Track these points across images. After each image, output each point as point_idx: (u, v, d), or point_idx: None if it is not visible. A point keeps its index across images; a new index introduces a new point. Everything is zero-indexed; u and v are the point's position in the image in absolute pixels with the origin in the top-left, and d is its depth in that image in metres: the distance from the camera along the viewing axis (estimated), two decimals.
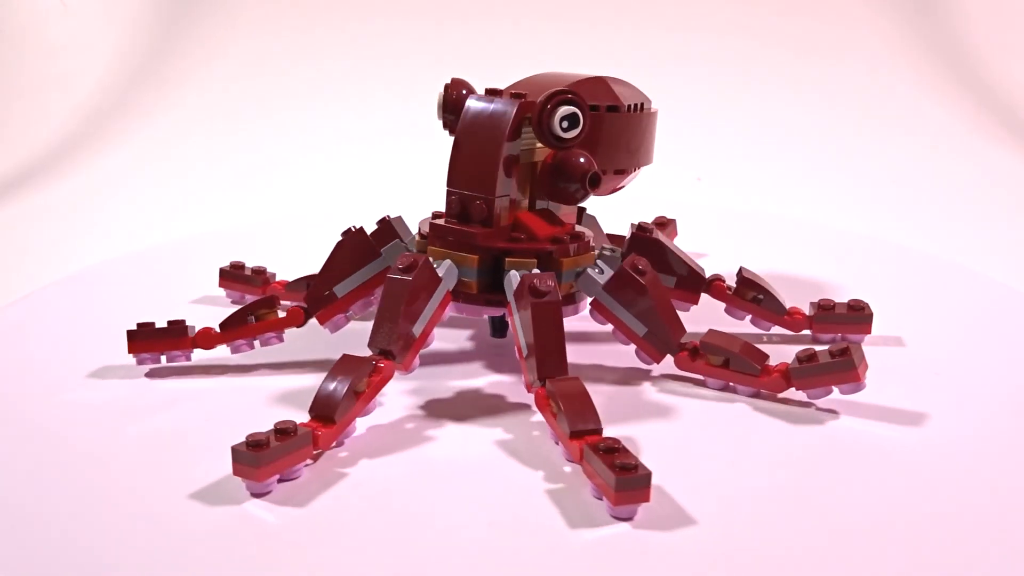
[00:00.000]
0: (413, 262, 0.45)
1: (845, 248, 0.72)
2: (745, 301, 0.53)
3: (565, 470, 0.40)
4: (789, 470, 0.40)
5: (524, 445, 0.42)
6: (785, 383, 0.45)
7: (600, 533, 0.35)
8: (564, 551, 0.34)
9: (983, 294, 0.63)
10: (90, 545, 0.35)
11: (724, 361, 0.46)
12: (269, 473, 0.38)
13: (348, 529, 0.36)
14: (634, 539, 0.35)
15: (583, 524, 0.36)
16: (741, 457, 0.41)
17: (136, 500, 0.38)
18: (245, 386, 0.48)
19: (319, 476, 0.40)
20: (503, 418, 0.45)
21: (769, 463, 0.41)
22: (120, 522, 0.36)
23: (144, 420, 0.44)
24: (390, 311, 0.44)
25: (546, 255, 0.47)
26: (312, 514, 0.37)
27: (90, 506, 0.37)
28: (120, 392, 0.47)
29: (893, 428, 0.43)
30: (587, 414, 0.40)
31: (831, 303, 0.52)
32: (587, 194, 0.48)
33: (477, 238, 0.47)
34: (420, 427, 0.44)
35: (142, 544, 0.35)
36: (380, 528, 0.36)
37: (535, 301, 0.43)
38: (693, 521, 0.36)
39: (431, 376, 0.49)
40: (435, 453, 0.42)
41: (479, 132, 0.47)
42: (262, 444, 0.38)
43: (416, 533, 0.36)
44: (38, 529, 0.36)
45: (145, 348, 0.49)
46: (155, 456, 0.41)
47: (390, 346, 0.43)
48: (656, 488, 0.38)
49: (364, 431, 0.43)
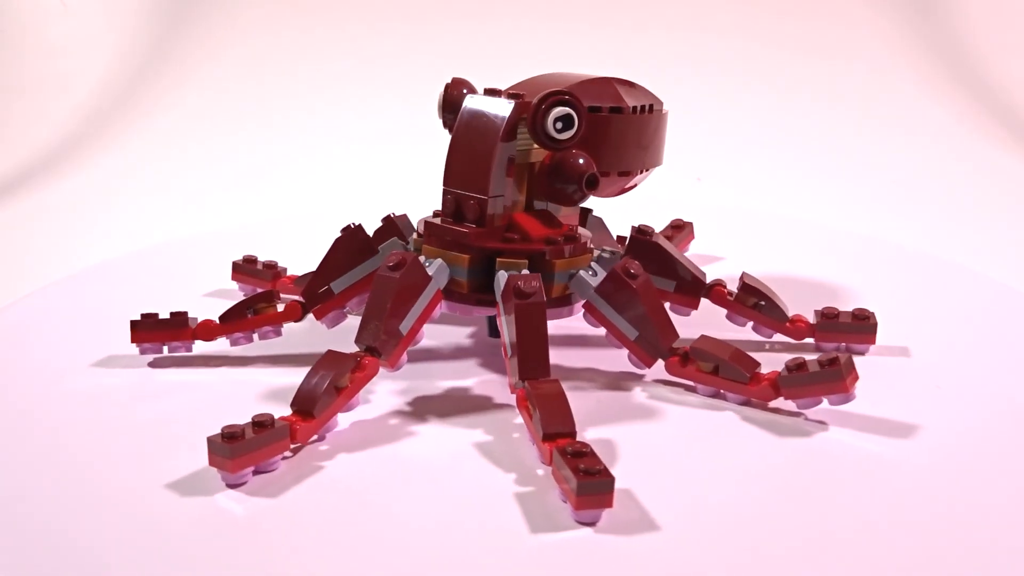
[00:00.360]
0: (401, 260, 0.45)
1: (845, 248, 0.71)
2: (746, 308, 0.52)
3: (538, 473, 0.40)
4: (764, 482, 0.39)
5: (502, 446, 0.42)
6: (774, 392, 0.44)
7: (558, 537, 0.35)
8: (518, 553, 0.34)
9: (983, 294, 0.61)
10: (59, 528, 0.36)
11: (714, 368, 0.46)
12: (243, 464, 0.39)
13: (310, 523, 0.36)
14: (592, 544, 0.35)
15: (545, 528, 0.36)
16: (719, 466, 0.41)
17: (112, 486, 0.39)
18: (241, 379, 0.49)
19: (294, 469, 0.40)
20: (486, 419, 0.45)
21: (746, 473, 0.40)
22: (91, 507, 0.37)
23: (137, 408, 0.45)
24: (377, 308, 0.44)
25: (539, 256, 0.47)
26: (280, 506, 0.37)
27: (64, 489, 0.38)
28: (120, 380, 0.48)
29: (882, 442, 0.42)
30: (561, 417, 0.40)
31: (835, 311, 0.51)
32: (585, 196, 0.48)
33: (469, 237, 0.47)
34: (403, 424, 0.44)
35: (105, 529, 0.36)
36: (341, 522, 0.36)
37: (518, 302, 0.43)
38: (656, 528, 0.36)
39: (423, 373, 0.49)
40: (413, 451, 0.42)
41: (474, 132, 0.47)
42: (237, 436, 0.38)
43: (375, 529, 0.36)
44: (9, 511, 0.37)
45: (147, 338, 0.50)
46: (140, 445, 0.42)
47: (376, 343, 0.44)
48: (625, 493, 0.38)
49: (347, 426, 0.44)
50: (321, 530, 0.36)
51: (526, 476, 0.40)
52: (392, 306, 0.44)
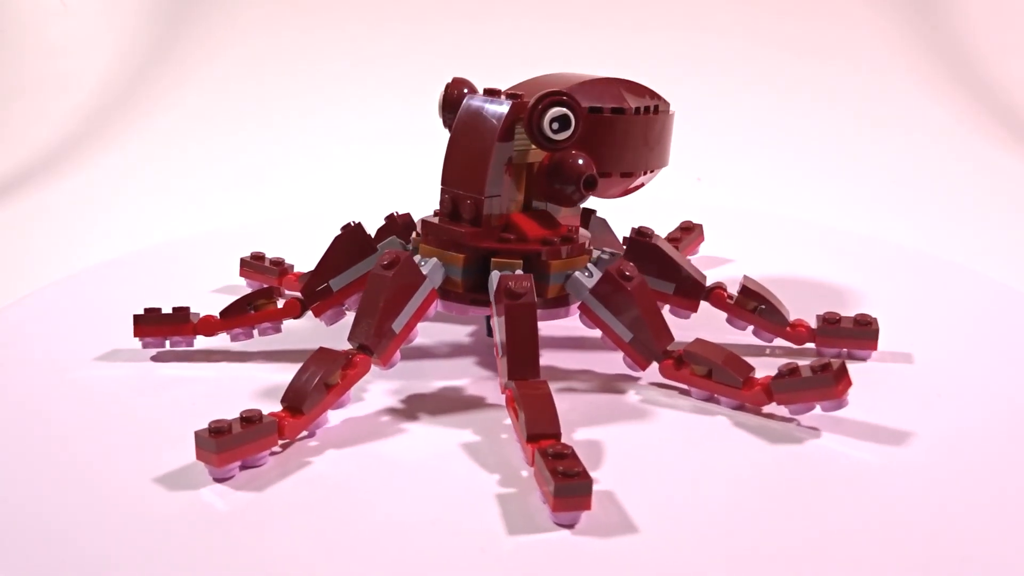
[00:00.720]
0: (395, 259, 0.45)
1: (845, 249, 0.70)
2: (746, 311, 0.51)
3: (522, 474, 0.40)
4: (749, 486, 0.39)
5: (490, 447, 0.42)
6: (767, 397, 0.44)
7: (534, 538, 0.35)
8: (493, 553, 0.34)
9: (983, 294, 0.61)
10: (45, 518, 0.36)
11: (708, 371, 0.45)
12: (228, 459, 0.39)
13: (291, 518, 0.37)
14: (568, 545, 0.35)
15: (522, 529, 0.36)
16: (705, 470, 0.40)
17: (103, 478, 0.39)
18: (240, 374, 0.49)
19: (281, 465, 0.40)
20: (477, 418, 0.45)
21: (731, 479, 0.40)
22: (79, 499, 0.38)
23: (137, 402, 0.46)
24: (370, 306, 0.45)
25: (535, 257, 0.47)
26: (263, 502, 0.38)
27: (56, 481, 0.39)
28: (122, 373, 0.49)
29: (873, 449, 0.42)
30: (546, 419, 0.40)
31: (836, 316, 0.51)
32: (583, 196, 0.48)
33: (465, 237, 0.47)
34: (394, 423, 0.44)
35: (89, 520, 0.36)
36: (321, 518, 0.37)
37: (509, 303, 0.43)
38: (634, 530, 0.36)
39: (418, 372, 0.49)
40: (401, 449, 0.42)
41: (472, 131, 0.47)
42: (223, 431, 0.39)
43: (353, 526, 0.36)
44: None
45: (149, 332, 0.50)
46: (136, 437, 0.43)
47: (368, 341, 0.44)
48: (606, 496, 0.38)
49: (338, 423, 0.44)
50: (301, 525, 0.36)
51: (510, 477, 0.40)
52: (385, 305, 0.44)
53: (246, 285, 0.61)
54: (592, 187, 0.48)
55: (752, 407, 0.45)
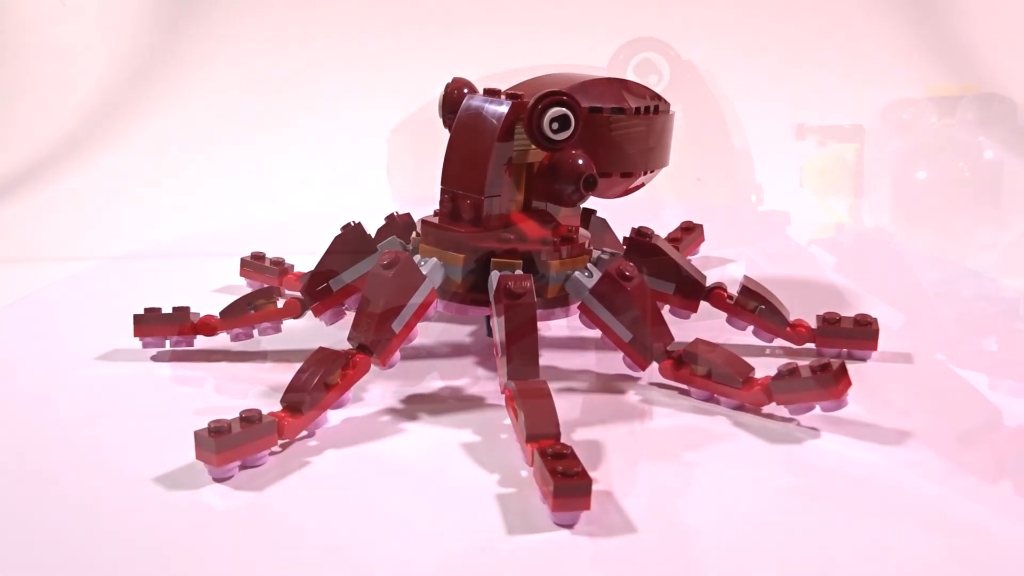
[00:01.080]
0: (395, 258, 0.45)
1: (845, 249, 0.70)
2: (746, 311, 0.51)
3: (522, 474, 0.40)
4: (747, 486, 0.39)
5: (489, 447, 0.42)
6: (767, 397, 0.44)
7: (533, 538, 0.35)
8: (491, 553, 0.34)
9: (984, 295, 0.61)
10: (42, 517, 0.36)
11: (707, 371, 0.46)
12: (228, 459, 0.39)
13: (290, 518, 0.37)
14: (567, 545, 0.35)
15: (521, 529, 0.36)
16: (704, 471, 0.40)
17: (103, 478, 0.39)
18: (239, 374, 0.49)
19: (281, 464, 0.40)
20: (477, 418, 0.45)
21: (729, 478, 0.40)
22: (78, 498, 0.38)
23: (137, 401, 0.46)
24: (370, 306, 0.45)
25: (534, 257, 0.47)
26: (262, 501, 0.38)
27: (55, 481, 0.39)
28: (122, 372, 0.49)
29: (875, 450, 0.42)
30: (546, 419, 0.40)
31: (836, 316, 0.51)
32: (583, 196, 0.48)
33: (464, 237, 0.47)
34: (394, 422, 0.44)
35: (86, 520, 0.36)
36: (319, 518, 0.37)
37: (508, 302, 0.43)
38: (633, 530, 0.36)
39: (419, 372, 0.49)
40: (401, 449, 0.42)
41: (471, 131, 0.48)
42: (223, 430, 0.39)
43: (351, 526, 0.36)
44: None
45: (150, 332, 0.51)
46: (136, 437, 0.43)
47: (368, 341, 0.44)
48: (606, 496, 0.38)
49: (338, 423, 0.44)
50: (301, 525, 0.36)
51: (510, 477, 0.40)
52: (385, 304, 0.44)
53: (246, 285, 0.61)
54: (592, 187, 0.48)
55: (752, 407, 0.45)
